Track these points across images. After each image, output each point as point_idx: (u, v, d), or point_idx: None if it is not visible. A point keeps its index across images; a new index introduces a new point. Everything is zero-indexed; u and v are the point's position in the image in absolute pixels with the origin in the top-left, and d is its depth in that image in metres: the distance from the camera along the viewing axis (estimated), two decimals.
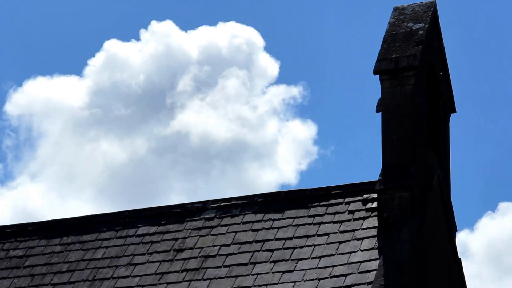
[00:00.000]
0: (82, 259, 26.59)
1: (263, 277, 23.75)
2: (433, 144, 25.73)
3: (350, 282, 22.46)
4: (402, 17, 25.73)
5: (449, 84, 26.91)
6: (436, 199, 25.24)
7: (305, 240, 24.48)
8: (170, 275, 24.94)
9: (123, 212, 28.23)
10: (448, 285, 25.90)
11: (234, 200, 26.83)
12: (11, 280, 26.83)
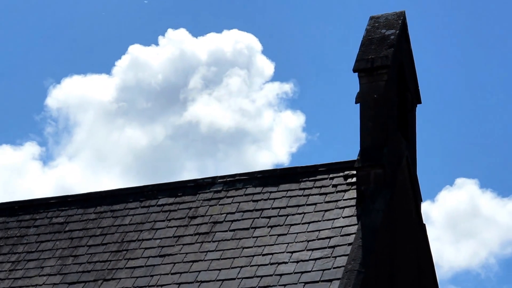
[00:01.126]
0: (112, 225, 26.86)
1: (262, 239, 23.88)
2: (402, 129, 25.95)
3: (334, 243, 22.65)
4: (377, 25, 25.82)
5: (416, 80, 27.16)
6: (404, 175, 25.51)
7: (296, 209, 24.67)
8: (185, 237, 25.09)
9: (146, 186, 28.47)
10: (415, 246, 26.16)
11: (238, 176, 27.08)
12: (54, 242, 26.93)
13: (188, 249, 24.62)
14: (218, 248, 24.21)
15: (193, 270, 23.72)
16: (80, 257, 25.81)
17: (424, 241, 27.14)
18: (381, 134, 24.18)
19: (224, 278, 22.89)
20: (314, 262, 22.41)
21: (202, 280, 23.15)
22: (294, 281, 21.98)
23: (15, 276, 25.88)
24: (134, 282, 23.99)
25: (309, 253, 22.82)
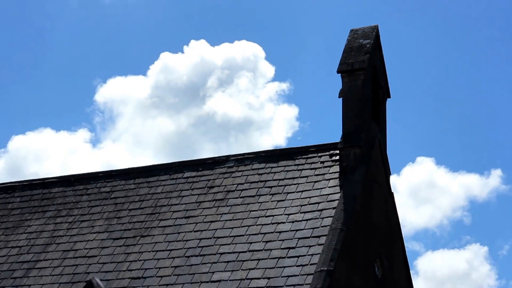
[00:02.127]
0: (147, 193, 27.51)
1: (265, 205, 24.84)
2: (376, 118, 26.36)
3: (321, 207, 23.61)
4: (356, 36, 26.34)
5: (386, 79, 27.41)
6: (377, 153, 25.95)
7: (292, 181, 25.48)
8: (205, 203, 25.95)
9: (174, 163, 29.17)
10: (385, 210, 26.55)
11: (246, 155, 27.69)
12: (102, 207, 27.62)
13: (207, 212, 25.54)
14: (231, 211, 25.18)
15: (211, 228, 24.65)
16: (122, 219, 26.60)
17: (393, 206, 27.43)
18: (359, 122, 24.93)
19: (235, 235, 23.84)
20: (306, 222, 23.38)
21: (218, 236, 24.08)
22: (290, 237, 22.94)
23: (71, 234, 26.65)
24: (164, 238, 24.90)
25: (302, 215, 23.81)
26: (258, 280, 21.92)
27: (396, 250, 26.70)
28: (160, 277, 23.36)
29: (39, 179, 30.70)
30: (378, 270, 24.55)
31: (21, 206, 29.27)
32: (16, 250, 26.85)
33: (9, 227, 28.24)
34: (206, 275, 22.87)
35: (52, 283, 24.50)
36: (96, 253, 25.27)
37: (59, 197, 29.04)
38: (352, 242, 22.82)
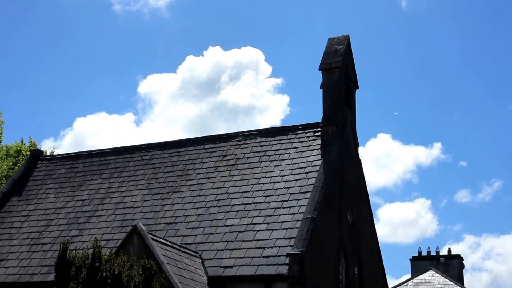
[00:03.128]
0: (177, 160, 27.53)
1: (265, 169, 24.96)
2: (347, 103, 26.23)
3: (307, 170, 23.70)
4: (332, 42, 26.30)
5: (355, 74, 27.31)
6: (348, 130, 25.97)
7: (285, 150, 25.54)
8: (220, 167, 25.98)
9: (197, 138, 29.03)
10: (355, 173, 26.37)
11: (251, 132, 27.53)
12: (143, 171, 27.71)
13: (222, 174, 25.53)
14: (240, 174, 25.20)
15: (225, 186, 24.72)
16: (159, 179, 26.59)
17: (360, 170, 27.40)
18: (335, 107, 24.93)
19: (243, 191, 23.94)
20: (296, 181, 23.42)
21: (230, 192, 24.16)
22: (284, 193, 23.00)
23: (121, 190, 26.72)
24: (190, 193, 24.93)
25: (293, 176, 23.86)
26: (260, 225, 22.00)
27: (363, 203, 26.72)
28: (187, 222, 23.49)
29: (96, 150, 30.72)
30: (350, 217, 24.57)
31: (83, 170, 29.30)
32: (80, 202, 26.92)
33: (75, 186, 28.28)
34: (221, 221, 22.96)
35: (107, 227, 24.63)
36: (140, 205, 25.36)
37: (112, 163, 29.04)
38: (330, 196, 22.82)
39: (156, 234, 20.78)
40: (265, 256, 20.47)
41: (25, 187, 29.62)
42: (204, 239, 22.22)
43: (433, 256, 48.42)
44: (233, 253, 21.17)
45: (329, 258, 22.22)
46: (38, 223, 26.52)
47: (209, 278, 20.53)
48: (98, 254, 13.17)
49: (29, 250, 24.96)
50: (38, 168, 30.88)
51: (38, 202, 28.17)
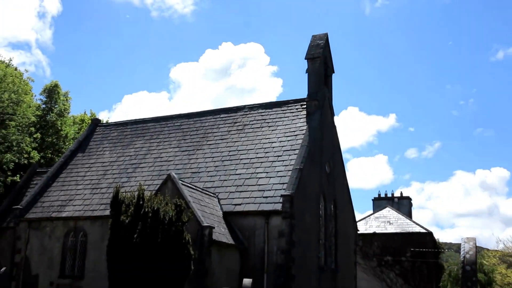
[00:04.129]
0: (200, 126, 27.45)
1: (264, 132, 24.98)
2: (326, 84, 26.11)
3: (296, 133, 23.74)
4: (315, 39, 26.18)
5: (332, 62, 27.13)
6: (326, 104, 25.80)
7: (280, 119, 25.52)
8: (232, 131, 26.00)
9: (214, 109, 28.71)
10: (331, 136, 26.31)
11: (254, 105, 27.45)
12: (175, 134, 27.63)
13: (233, 136, 25.52)
14: (246, 136, 25.15)
15: (235, 145, 24.73)
16: (186, 140, 26.63)
17: (335, 133, 27.24)
18: (317, 86, 24.86)
19: (249, 149, 23.99)
20: (288, 141, 23.44)
21: (239, 150, 24.19)
22: (279, 150, 23.04)
23: (158, 148, 26.75)
24: (210, 151, 24.96)
25: (286, 137, 23.84)
26: (261, 173, 22.10)
27: (337, 157, 26.72)
28: (207, 171, 23.52)
29: (140, 118, 30.70)
30: (328, 168, 24.61)
31: (130, 134, 29.32)
32: (128, 157, 27.01)
33: (124, 145, 28.35)
34: (233, 170, 23.03)
35: (148, 176, 24.69)
36: (172, 159, 25.40)
37: (152, 128, 29.00)
38: (313, 153, 22.84)
39: (184, 180, 20.92)
40: (265, 197, 20.69)
41: (87, 146, 29.77)
42: (220, 184, 22.39)
43: (389, 197, 48.76)
44: (241, 194, 21.39)
45: (312, 198, 22.36)
46: (97, 173, 26.70)
47: (223, 213, 20.75)
48: (142, 195, 13.31)
49: (91, 192, 25.16)
50: (97, 132, 30.99)
51: (97, 157, 28.33)
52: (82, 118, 45.60)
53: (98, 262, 21.74)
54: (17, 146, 30.01)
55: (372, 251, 42.11)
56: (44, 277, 23.62)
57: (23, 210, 25.23)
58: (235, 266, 19.86)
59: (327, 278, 23.01)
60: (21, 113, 30.70)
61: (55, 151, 38.53)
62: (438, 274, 41.94)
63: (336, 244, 24.49)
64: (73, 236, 23.67)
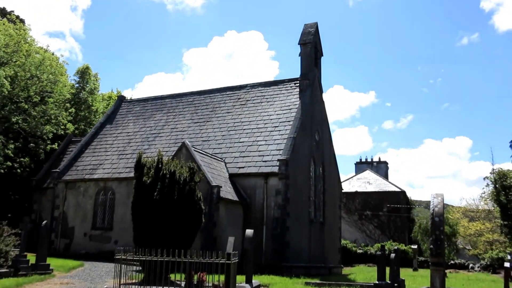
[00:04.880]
0: (210, 101, 27.22)
1: (263, 106, 24.72)
2: (316, 65, 25.77)
3: (291, 107, 23.47)
4: (307, 26, 25.77)
5: (321, 46, 26.67)
6: (316, 83, 25.44)
7: (277, 95, 25.23)
8: (236, 106, 25.77)
9: (222, 87, 28.43)
10: (320, 109, 25.95)
11: (255, 83, 27.12)
12: (189, 108, 27.45)
13: (237, 110, 25.33)
14: (248, 110, 24.95)
15: (239, 117, 24.56)
16: (198, 113, 26.48)
17: (324, 107, 26.84)
18: (308, 67, 24.54)
19: (250, 121, 23.81)
20: (283, 114, 23.30)
21: (242, 121, 24.04)
22: (276, 121, 22.92)
23: (174, 121, 26.64)
24: (218, 122, 24.83)
25: (281, 111, 23.68)
26: (260, 141, 22.04)
27: (325, 128, 26.55)
28: (216, 140, 23.43)
29: (158, 95, 30.54)
30: (317, 136, 24.52)
31: (151, 108, 29.19)
32: (149, 128, 26.93)
33: (145, 118, 28.24)
34: (237, 139, 22.96)
35: (166, 143, 24.61)
36: (186, 130, 25.29)
37: (169, 103, 28.81)
38: (305, 124, 22.67)
39: (196, 147, 20.93)
40: (264, 161, 20.71)
41: (114, 119, 29.66)
42: (226, 150, 22.36)
43: (369, 162, 48.80)
44: (244, 159, 21.40)
45: (304, 162, 22.36)
46: (123, 141, 26.67)
47: (229, 174, 20.78)
48: (160, 160, 13.29)
49: (118, 158, 25.18)
50: (122, 107, 30.84)
51: (123, 128, 28.25)
52: (110, 95, 45.56)
53: (124, 216, 21.90)
54: (55, 119, 30.05)
55: (354, 207, 42.39)
56: (79, 229, 23.85)
57: (60, 173, 25.40)
58: (239, 219, 20.00)
59: (316, 229, 23.16)
60: (58, 91, 30.63)
61: (87, 123, 38.58)
62: (410, 226, 42.23)
63: (324, 201, 24.57)
64: (103, 194, 23.81)
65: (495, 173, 32.34)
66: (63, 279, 13.30)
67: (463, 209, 43.54)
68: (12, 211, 27.44)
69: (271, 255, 19.40)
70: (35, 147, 28.85)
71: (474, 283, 18.61)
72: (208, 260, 9.28)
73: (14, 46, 28.05)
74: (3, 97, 26.23)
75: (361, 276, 20.47)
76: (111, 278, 13.22)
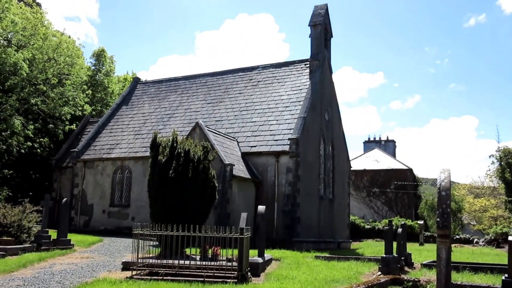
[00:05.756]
0: (222, 82, 27.17)
1: (274, 86, 24.57)
2: (326, 47, 25.50)
3: (301, 88, 23.32)
4: (317, 8, 25.44)
5: (331, 28, 26.32)
6: (326, 63, 25.26)
7: (288, 76, 25.08)
8: (248, 86, 25.65)
9: (234, 69, 28.32)
10: (330, 89, 25.72)
11: (267, 65, 26.99)
12: (202, 89, 27.39)
13: (249, 91, 25.25)
14: (260, 91, 24.85)
15: (251, 98, 24.50)
16: (211, 94, 26.45)
17: (333, 88, 26.60)
18: (318, 48, 24.26)
19: (262, 101, 23.74)
20: (294, 94, 23.18)
21: (254, 102, 23.97)
22: (287, 101, 22.82)
23: (188, 101, 26.63)
24: (230, 102, 24.79)
25: (292, 91, 23.56)
26: (272, 121, 21.98)
27: (335, 107, 26.38)
28: (228, 120, 23.42)
29: (173, 77, 30.51)
30: (327, 116, 24.42)
31: (165, 90, 29.19)
32: (164, 109, 26.96)
33: (160, 99, 28.25)
34: (249, 118, 22.92)
35: (180, 123, 24.63)
36: (199, 110, 25.28)
37: (183, 85, 28.79)
38: (315, 104, 22.57)
39: (209, 127, 20.93)
40: (275, 140, 20.70)
41: (130, 100, 29.73)
42: (238, 130, 22.36)
43: (377, 141, 48.64)
44: (256, 138, 21.39)
45: (314, 141, 22.32)
46: (138, 122, 26.75)
47: (241, 153, 20.81)
48: (175, 139, 13.33)
49: (134, 137, 25.29)
50: (138, 89, 30.87)
51: (138, 109, 28.32)
52: (125, 77, 45.62)
53: (141, 194, 22.11)
54: (72, 100, 30.14)
55: (363, 184, 42.37)
56: (97, 206, 24.14)
57: (79, 152, 25.61)
58: (251, 195, 20.09)
59: (325, 205, 23.21)
60: (75, 73, 30.66)
61: (103, 105, 38.72)
62: (417, 203, 42.16)
63: (333, 178, 24.58)
64: (120, 173, 24.00)
65: (500, 151, 32.20)
66: (84, 253, 13.49)
67: (469, 186, 43.30)
68: (33, 189, 27.79)
69: (282, 231, 19.53)
70: (54, 127, 29.04)
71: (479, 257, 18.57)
72: (222, 234, 9.36)
73: (32, 30, 28.04)
74: (22, 79, 26.33)
75: (369, 250, 20.52)
76: (129, 252, 13.41)
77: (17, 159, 27.09)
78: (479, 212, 39.75)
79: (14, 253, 12.37)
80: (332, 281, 9.47)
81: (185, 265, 9.57)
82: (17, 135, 25.61)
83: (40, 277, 9.08)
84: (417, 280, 9.49)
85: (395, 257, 11.55)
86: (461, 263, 12.95)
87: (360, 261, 13.71)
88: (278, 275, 10.02)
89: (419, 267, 12.98)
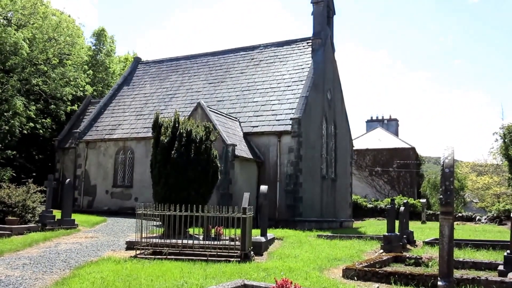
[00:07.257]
0: (224, 62, 27.02)
1: (276, 66, 24.43)
2: (328, 24, 25.33)
3: (303, 66, 23.21)
4: None
5: (333, 5, 26.08)
6: (329, 41, 25.10)
7: (290, 54, 24.96)
8: (249, 66, 25.54)
9: (236, 48, 28.16)
10: (332, 69, 25.58)
11: (268, 43, 26.79)
12: (203, 69, 27.31)
13: (250, 70, 25.14)
14: (262, 70, 24.74)
15: (253, 78, 24.41)
16: (213, 74, 26.36)
17: (336, 67, 26.42)
18: (320, 26, 24.10)
19: (264, 81, 23.66)
20: (296, 73, 23.10)
21: (255, 81, 23.89)
22: (289, 81, 22.76)
23: (190, 81, 26.55)
24: (232, 82, 24.73)
25: (294, 70, 23.45)
26: (274, 101, 21.95)
27: (337, 87, 26.29)
28: (230, 100, 23.38)
29: (174, 57, 30.37)
30: (329, 95, 24.35)
31: (166, 70, 29.09)
32: (165, 89, 26.91)
33: (161, 79, 28.18)
34: (251, 98, 22.89)
35: (182, 103, 24.62)
36: (201, 90, 25.24)
37: (184, 65, 28.68)
38: (317, 83, 22.50)
39: (211, 107, 20.92)
40: (277, 120, 20.70)
41: (131, 80, 29.66)
42: (240, 110, 22.34)
43: (380, 120, 48.57)
44: (258, 118, 21.38)
45: (316, 121, 22.30)
46: (140, 102, 26.73)
47: (243, 133, 20.83)
48: (177, 119, 13.34)
49: (135, 118, 25.31)
50: (139, 69, 30.77)
51: (140, 89, 28.27)
52: (126, 57, 45.42)
53: (143, 174, 22.21)
54: (73, 81, 30.12)
55: (365, 163, 42.47)
56: (100, 187, 24.28)
57: (81, 133, 25.66)
58: (253, 175, 20.18)
59: (328, 185, 23.31)
60: (76, 53, 30.57)
61: (105, 85, 38.68)
62: (419, 181, 42.33)
63: (335, 158, 24.62)
64: (122, 153, 24.08)
65: (504, 128, 32.16)
66: (88, 233, 13.64)
67: (472, 164, 43.38)
68: (37, 170, 27.94)
69: (284, 210, 19.67)
70: (56, 108, 29.04)
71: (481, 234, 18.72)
72: (224, 214, 9.46)
73: (31, 8, 27.86)
74: (22, 59, 26.24)
75: (371, 229, 20.67)
76: (132, 232, 13.54)
77: (20, 140, 27.18)
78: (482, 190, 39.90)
79: (20, 232, 12.55)
80: (335, 259, 9.60)
81: (188, 245, 9.69)
82: (19, 116, 25.63)
83: (46, 256, 9.22)
84: (419, 257, 9.59)
85: (397, 235, 11.66)
86: (463, 240, 13.09)
87: (362, 239, 13.84)
88: (280, 254, 10.15)
89: (421, 245, 13.12)
